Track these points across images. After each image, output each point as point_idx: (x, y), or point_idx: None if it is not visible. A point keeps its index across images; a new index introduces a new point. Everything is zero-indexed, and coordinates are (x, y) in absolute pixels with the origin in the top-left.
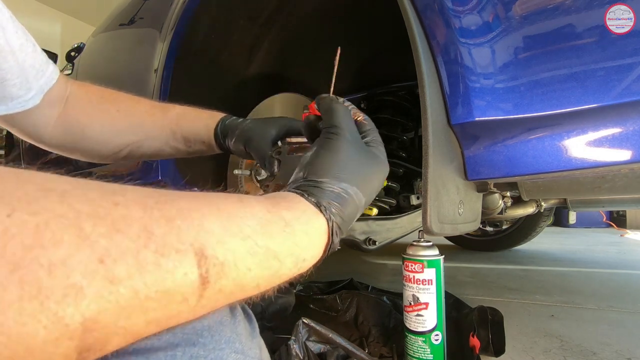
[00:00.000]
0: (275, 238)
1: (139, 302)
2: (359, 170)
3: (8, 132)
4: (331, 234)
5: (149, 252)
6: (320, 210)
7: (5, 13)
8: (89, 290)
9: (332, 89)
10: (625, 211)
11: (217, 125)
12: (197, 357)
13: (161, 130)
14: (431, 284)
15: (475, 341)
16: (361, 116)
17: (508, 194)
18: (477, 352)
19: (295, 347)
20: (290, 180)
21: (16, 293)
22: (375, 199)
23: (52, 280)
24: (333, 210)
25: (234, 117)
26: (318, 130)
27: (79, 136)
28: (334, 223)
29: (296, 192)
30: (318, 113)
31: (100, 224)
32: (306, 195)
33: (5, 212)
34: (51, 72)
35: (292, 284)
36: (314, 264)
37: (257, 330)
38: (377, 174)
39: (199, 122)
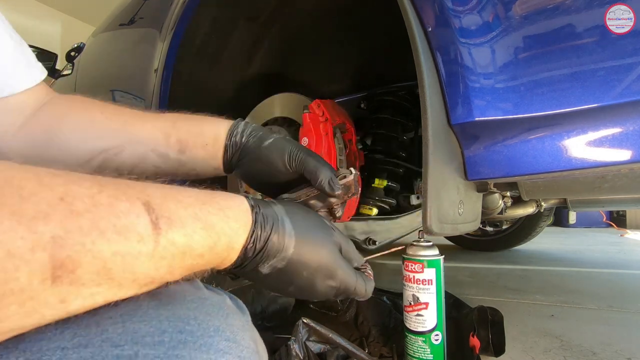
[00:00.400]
0: (213, 215)
1: (100, 232)
2: (307, 220)
3: None
4: (253, 240)
5: (103, 196)
6: (252, 212)
7: None
8: (54, 216)
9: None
10: (625, 211)
11: (233, 126)
12: (185, 343)
13: (150, 132)
14: (431, 284)
15: (475, 341)
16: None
17: (508, 194)
18: (477, 352)
19: (295, 347)
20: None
21: None
22: (375, 199)
23: (26, 205)
24: (260, 219)
25: (259, 127)
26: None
27: (44, 145)
28: (258, 229)
29: (241, 194)
30: (318, 113)
31: (56, 179)
32: (248, 197)
33: None
34: (20, 79)
35: None
36: (226, 265)
37: (250, 322)
38: (322, 235)
39: (206, 122)
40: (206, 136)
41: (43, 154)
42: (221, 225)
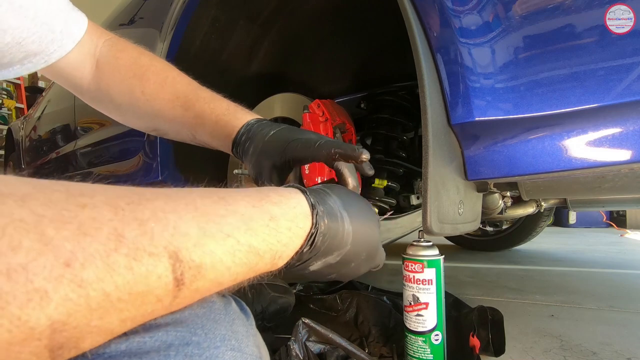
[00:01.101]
0: (259, 235)
1: (111, 303)
2: (360, 210)
3: (8, 133)
4: (310, 242)
5: (120, 256)
6: (312, 214)
7: None
8: (55, 295)
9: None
10: (625, 211)
11: (237, 136)
12: (191, 356)
13: (181, 127)
14: (431, 284)
15: (475, 341)
16: None
17: (508, 194)
18: (477, 352)
19: (295, 348)
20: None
21: None
22: (375, 199)
23: (12, 285)
24: (322, 222)
25: (265, 122)
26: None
27: (111, 104)
28: (318, 234)
29: (297, 187)
30: (318, 113)
31: (64, 228)
32: (307, 193)
33: None
34: (76, 25)
35: (291, 284)
36: (283, 264)
37: (254, 326)
38: (373, 225)
39: (218, 133)
40: (221, 147)
41: (110, 110)
42: (268, 244)
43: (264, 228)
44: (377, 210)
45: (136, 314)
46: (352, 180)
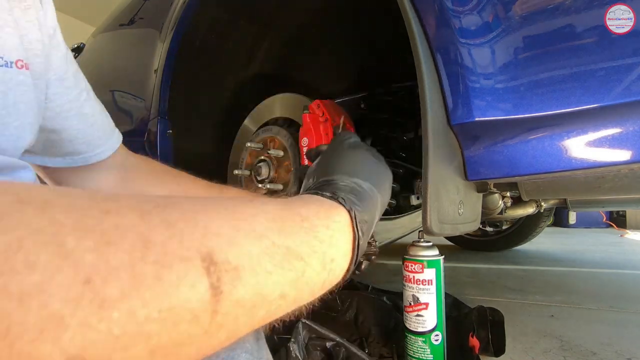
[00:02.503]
0: (294, 235)
1: (138, 326)
2: (368, 166)
3: None
4: (356, 227)
5: (147, 265)
6: (339, 202)
7: (86, 83)
8: (72, 320)
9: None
10: (625, 211)
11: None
12: (208, 358)
13: None
14: (431, 284)
15: (474, 341)
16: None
17: (508, 194)
18: (477, 352)
19: (294, 349)
20: (301, 191)
21: None
22: None
23: (24, 313)
24: (352, 200)
25: None
26: None
27: None
28: (355, 213)
29: (309, 193)
30: (318, 113)
31: (86, 237)
32: (320, 192)
33: None
34: (116, 137)
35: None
36: (347, 267)
37: (262, 332)
38: (386, 171)
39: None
40: None
41: None
42: (308, 246)
43: (298, 228)
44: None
45: (168, 340)
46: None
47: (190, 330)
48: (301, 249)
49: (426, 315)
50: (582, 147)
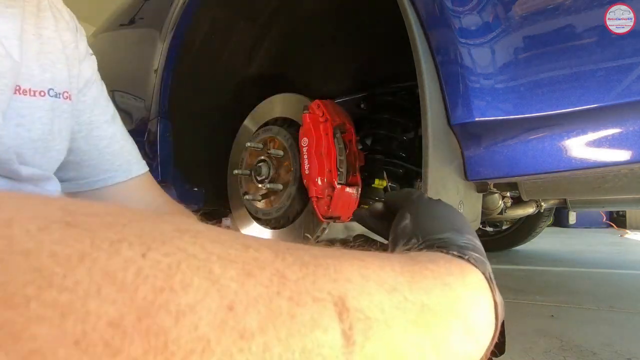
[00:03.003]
0: (430, 291)
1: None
2: (462, 220)
3: None
4: (493, 291)
5: (283, 300)
6: (468, 261)
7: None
8: (217, 347)
9: None
10: (625, 211)
11: None
12: None
13: None
14: None
15: None
16: None
17: (508, 194)
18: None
19: None
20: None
21: (141, 347)
22: (375, 199)
23: (179, 331)
24: (482, 260)
25: None
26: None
27: None
28: (490, 275)
29: (427, 249)
30: (318, 113)
31: (230, 267)
32: (443, 250)
33: (140, 252)
34: (138, 165)
35: None
36: (490, 341)
37: None
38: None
39: None
40: None
41: None
42: (446, 305)
43: (432, 284)
44: None
45: None
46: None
47: None
48: (440, 308)
49: None
50: (582, 147)
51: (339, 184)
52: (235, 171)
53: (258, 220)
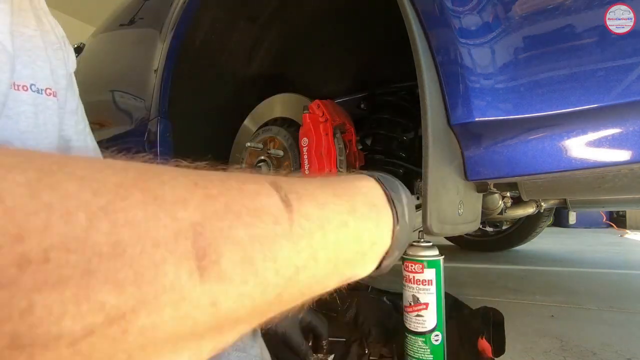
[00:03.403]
0: (341, 182)
1: (235, 216)
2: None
3: None
4: (386, 192)
5: (232, 181)
6: (373, 177)
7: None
8: (192, 201)
9: None
10: (625, 211)
11: None
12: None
13: None
14: (431, 285)
15: (484, 344)
16: None
17: (508, 194)
18: (491, 355)
19: None
20: None
21: (140, 198)
22: None
23: (166, 189)
24: (381, 176)
25: None
26: None
27: None
28: (387, 187)
29: (369, 175)
30: (318, 113)
31: (188, 169)
32: (381, 183)
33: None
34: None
35: None
36: (391, 231)
37: (258, 328)
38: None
39: None
40: None
41: None
42: (356, 199)
43: (341, 178)
44: None
45: (258, 231)
46: None
47: (276, 230)
48: (348, 190)
49: (426, 316)
50: (582, 147)
51: None
52: (248, 143)
53: None
